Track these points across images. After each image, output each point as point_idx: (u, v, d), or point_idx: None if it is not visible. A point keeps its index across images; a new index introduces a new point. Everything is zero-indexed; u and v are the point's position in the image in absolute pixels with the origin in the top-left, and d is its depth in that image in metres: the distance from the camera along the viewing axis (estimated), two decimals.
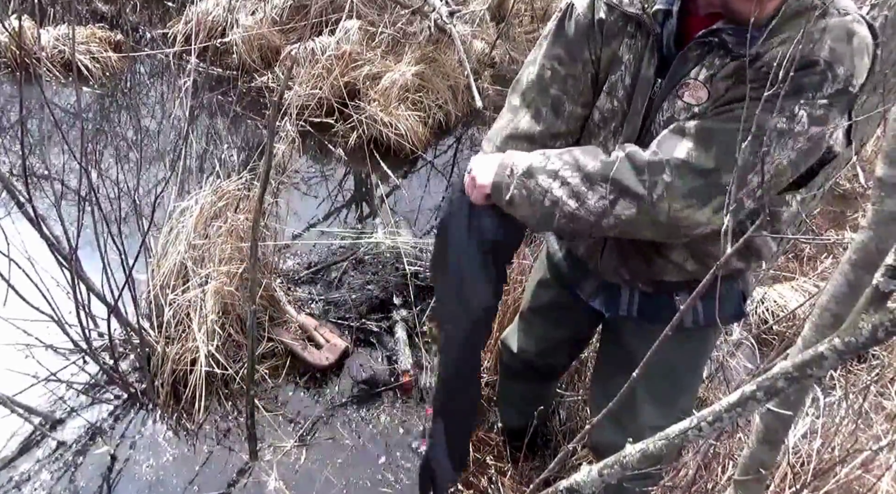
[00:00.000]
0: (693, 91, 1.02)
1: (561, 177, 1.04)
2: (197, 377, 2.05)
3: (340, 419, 2.14)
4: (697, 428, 0.74)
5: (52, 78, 3.87)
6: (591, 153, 1.05)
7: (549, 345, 1.62)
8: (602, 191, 1.01)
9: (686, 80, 1.02)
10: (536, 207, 1.07)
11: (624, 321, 1.36)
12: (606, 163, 1.01)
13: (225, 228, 2.31)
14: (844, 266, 0.66)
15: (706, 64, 1.01)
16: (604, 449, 1.33)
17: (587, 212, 1.03)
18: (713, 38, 0.99)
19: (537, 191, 1.06)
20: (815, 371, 0.62)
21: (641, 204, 0.98)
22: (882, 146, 0.59)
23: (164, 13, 4.70)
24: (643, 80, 1.07)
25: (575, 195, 1.03)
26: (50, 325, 1.88)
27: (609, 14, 1.10)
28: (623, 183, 0.99)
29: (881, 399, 1.95)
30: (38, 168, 3.03)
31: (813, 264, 2.94)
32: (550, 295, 1.52)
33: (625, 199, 1.00)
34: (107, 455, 1.93)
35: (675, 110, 1.04)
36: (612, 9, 1.09)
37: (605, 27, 1.10)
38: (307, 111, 3.69)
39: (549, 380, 1.85)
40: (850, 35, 0.92)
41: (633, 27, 1.08)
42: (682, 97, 1.03)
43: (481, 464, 2.00)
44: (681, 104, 1.03)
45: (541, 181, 1.06)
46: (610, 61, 1.11)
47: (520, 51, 4.68)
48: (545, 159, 1.07)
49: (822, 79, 0.91)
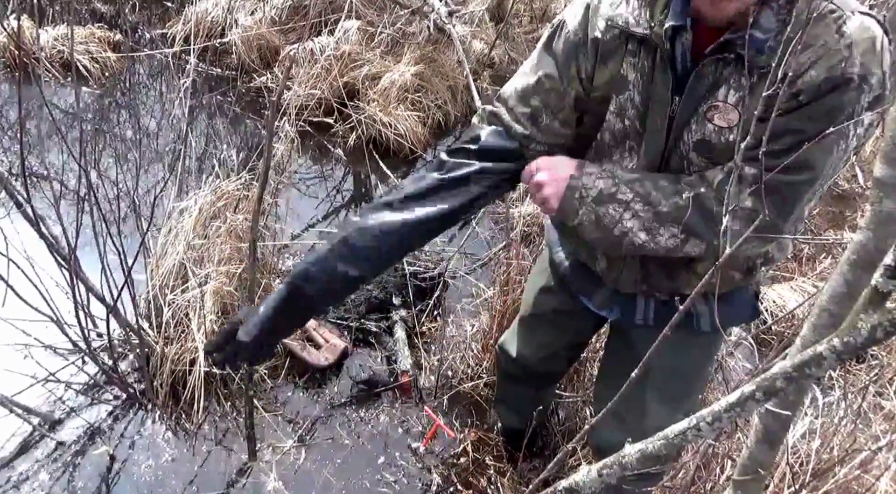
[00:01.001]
0: (723, 114, 1.01)
1: (632, 209, 1.05)
2: (196, 377, 2.04)
3: (339, 419, 2.14)
4: (696, 429, 0.74)
5: (51, 78, 3.86)
6: (662, 189, 1.04)
7: (550, 351, 1.61)
8: (674, 230, 1.04)
9: (714, 102, 1.01)
10: (606, 234, 1.09)
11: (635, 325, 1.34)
12: (678, 207, 1.03)
13: (224, 228, 2.31)
14: (843, 266, 0.66)
15: (733, 85, 0.99)
16: (609, 451, 1.32)
17: (657, 246, 1.06)
18: (727, 53, 0.98)
19: (607, 219, 1.07)
20: (814, 371, 0.62)
21: (711, 246, 1.03)
22: (881, 147, 0.59)
23: (163, 13, 4.69)
24: (657, 100, 1.05)
25: (646, 229, 1.05)
26: (49, 325, 1.88)
27: (606, 33, 1.08)
28: (694, 229, 1.03)
29: (880, 399, 1.96)
30: (37, 168, 3.03)
31: (812, 264, 2.94)
32: (554, 303, 1.50)
33: (695, 239, 1.04)
34: (106, 455, 1.93)
35: (706, 133, 1.03)
36: (611, 28, 1.07)
37: (599, 46, 1.09)
38: (306, 111, 3.69)
39: (549, 385, 1.85)
40: (873, 41, 0.92)
41: (634, 45, 1.06)
42: (713, 120, 1.02)
43: (481, 464, 2.00)
44: (711, 127, 1.02)
45: (611, 210, 1.07)
46: (611, 81, 1.10)
47: (519, 51, 4.68)
48: (615, 185, 1.07)
49: (860, 93, 0.92)
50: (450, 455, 2.04)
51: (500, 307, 2.17)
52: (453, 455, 2.04)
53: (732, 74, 0.99)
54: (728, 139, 1.02)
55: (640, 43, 1.05)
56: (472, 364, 2.28)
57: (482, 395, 2.19)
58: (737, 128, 1.00)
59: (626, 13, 1.05)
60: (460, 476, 1.97)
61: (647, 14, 1.03)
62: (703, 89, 1.01)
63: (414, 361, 2.31)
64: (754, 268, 1.18)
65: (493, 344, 2.13)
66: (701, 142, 1.04)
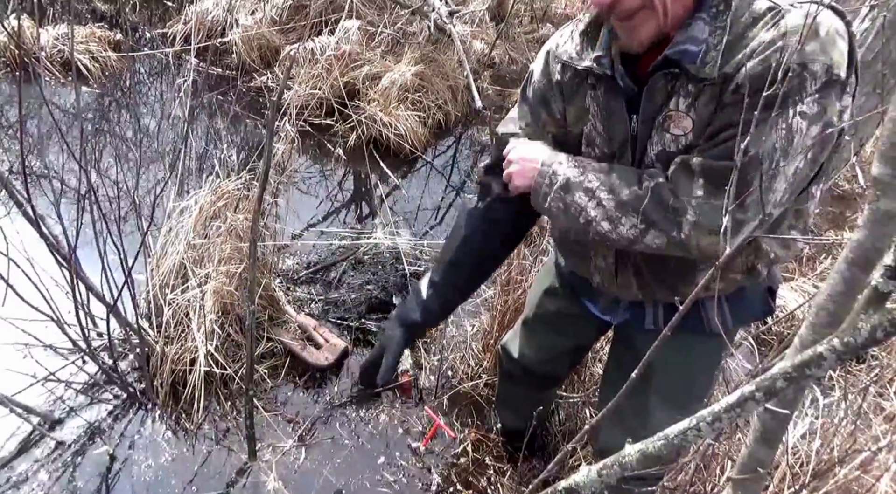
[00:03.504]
0: (678, 122, 1.04)
1: (597, 197, 1.07)
2: (196, 377, 2.05)
3: (339, 419, 2.14)
4: (696, 429, 0.74)
5: (51, 77, 3.87)
6: (625, 177, 1.06)
7: (552, 354, 1.61)
8: (634, 220, 1.04)
9: (668, 112, 1.04)
10: (572, 222, 1.11)
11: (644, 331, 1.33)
12: (637, 196, 1.04)
13: (224, 228, 2.31)
14: (841, 265, 0.66)
15: (681, 93, 1.02)
16: (612, 454, 1.32)
17: (619, 236, 1.07)
18: (672, 68, 1.01)
19: (573, 207, 1.09)
20: (814, 371, 0.62)
21: (671, 237, 1.03)
22: (878, 146, 0.59)
23: (163, 13, 4.70)
24: (616, 122, 1.11)
25: (608, 218, 1.06)
26: (49, 325, 1.88)
27: (563, 74, 1.17)
28: (651, 217, 1.03)
29: (880, 399, 1.96)
30: (37, 167, 3.03)
31: (812, 265, 2.94)
32: (558, 305, 1.50)
33: (654, 231, 1.03)
34: (105, 455, 1.93)
35: (666, 143, 1.06)
36: (566, 67, 1.16)
37: (563, 87, 1.17)
38: (307, 111, 3.69)
39: (549, 387, 1.84)
40: (816, 29, 0.91)
41: (593, 79, 1.12)
42: (669, 130, 1.05)
43: (481, 464, 2.00)
44: (669, 137, 1.05)
45: (577, 198, 1.09)
46: (578, 117, 1.17)
47: (519, 51, 4.69)
48: (582, 173, 1.09)
49: (801, 81, 0.91)
50: (450, 455, 2.04)
51: (501, 307, 2.17)
52: (453, 455, 2.04)
53: (682, 85, 1.02)
54: (685, 145, 1.05)
55: (597, 77, 1.11)
56: (472, 364, 2.28)
57: (482, 395, 2.19)
58: (691, 134, 1.03)
59: (571, 50, 1.14)
60: (460, 476, 1.97)
61: (588, 48, 1.11)
62: (657, 103, 1.05)
63: (414, 361, 2.31)
64: (754, 268, 1.18)
65: (494, 344, 2.13)
66: (661, 152, 1.07)
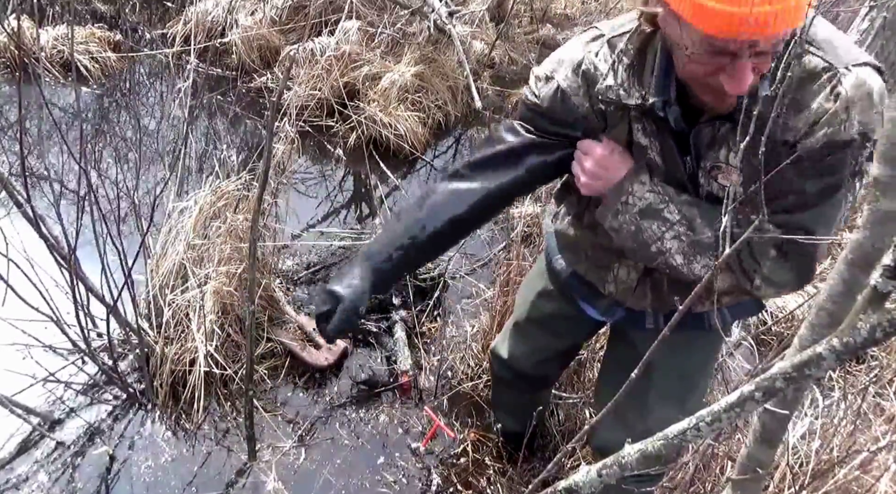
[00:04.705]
0: (726, 175, 1.03)
1: (675, 230, 1.05)
2: (196, 377, 2.04)
3: (339, 419, 2.14)
4: (696, 429, 0.75)
5: (51, 78, 3.87)
6: (707, 217, 1.05)
7: (543, 356, 1.60)
8: (709, 261, 1.05)
9: (716, 163, 1.03)
10: (641, 247, 1.09)
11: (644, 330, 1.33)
12: (718, 240, 1.03)
13: (224, 228, 2.31)
14: (840, 265, 0.66)
15: (731, 146, 1.00)
16: (611, 451, 1.32)
17: (689, 271, 1.07)
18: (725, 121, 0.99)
19: (647, 233, 1.07)
20: (814, 371, 0.62)
21: (740, 283, 1.06)
22: (878, 146, 0.59)
23: (163, 13, 4.69)
24: (671, 160, 1.07)
25: (683, 253, 1.06)
26: (49, 325, 1.88)
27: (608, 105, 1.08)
28: (729, 265, 1.04)
29: (880, 400, 1.96)
30: (37, 168, 3.03)
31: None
32: (553, 307, 1.49)
33: (725, 275, 1.06)
34: (105, 455, 1.93)
35: (714, 189, 1.06)
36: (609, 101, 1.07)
37: (608, 116, 1.09)
38: (306, 111, 3.69)
39: (542, 389, 1.84)
40: (870, 95, 0.91)
41: (636, 112, 1.06)
42: (717, 179, 1.04)
43: (481, 464, 2.00)
44: (717, 185, 1.05)
45: (654, 226, 1.07)
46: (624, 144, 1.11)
47: (519, 51, 4.68)
48: (663, 201, 1.06)
49: (861, 149, 0.93)
50: (450, 456, 2.04)
51: (500, 307, 2.17)
52: (453, 455, 2.04)
53: (730, 133, 1.00)
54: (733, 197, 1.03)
55: (639, 108, 1.05)
56: (472, 364, 2.28)
57: (482, 395, 2.19)
58: (740, 187, 1.02)
59: (616, 86, 1.05)
60: (460, 476, 1.97)
61: (636, 84, 1.03)
62: (702, 148, 1.03)
63: (414, 361, 2.31)
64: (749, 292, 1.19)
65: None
66: (710, 195, 1.07)
